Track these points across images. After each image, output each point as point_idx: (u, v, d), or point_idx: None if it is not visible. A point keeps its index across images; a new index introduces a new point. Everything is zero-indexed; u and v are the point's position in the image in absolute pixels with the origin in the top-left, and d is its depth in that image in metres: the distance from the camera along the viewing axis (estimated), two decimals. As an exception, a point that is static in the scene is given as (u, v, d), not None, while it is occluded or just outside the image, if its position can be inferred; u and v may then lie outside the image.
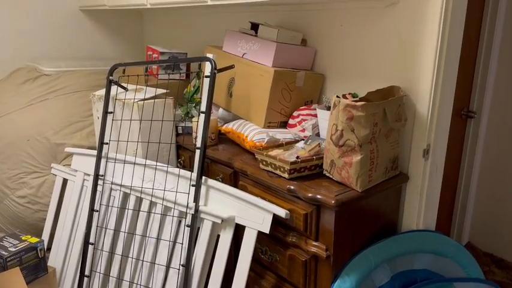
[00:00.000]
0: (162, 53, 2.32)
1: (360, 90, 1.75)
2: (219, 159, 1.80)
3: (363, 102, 1.31)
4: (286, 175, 1.48)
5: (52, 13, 2.70)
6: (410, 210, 1.65)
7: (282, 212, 1.44)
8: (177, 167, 2.05)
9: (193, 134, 1.96)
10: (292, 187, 1.44)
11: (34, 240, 1.86)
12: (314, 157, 1.50)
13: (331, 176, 1.49)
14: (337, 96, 1.37)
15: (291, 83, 1.77)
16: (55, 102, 2.23)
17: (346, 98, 1.38)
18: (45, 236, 2.12)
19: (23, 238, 1.88)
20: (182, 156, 2.05)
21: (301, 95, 1.83)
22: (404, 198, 1.65)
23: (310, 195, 1.39)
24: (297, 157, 1.49)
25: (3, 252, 1.76)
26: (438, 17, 1.45)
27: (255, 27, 1.92)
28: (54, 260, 2.03)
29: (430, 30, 1.48)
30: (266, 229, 1.47)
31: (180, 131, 2.10)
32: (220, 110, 2.08)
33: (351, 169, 1.38)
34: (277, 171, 1.52)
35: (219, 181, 1.72)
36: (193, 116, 2.17)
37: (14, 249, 1.78)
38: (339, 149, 1.39)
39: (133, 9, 2.66)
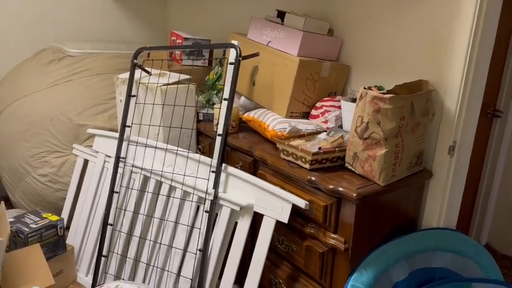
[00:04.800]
0: (186, 39, 2.31)
1: (386, 83, 1.72)
2: (240, 147, 1.79)
3: (390, 95, 1.29)
4: (307, 166, 1.47)
5: (78, -5, 2.71)
6: (431, 207, 1.62)
7: (301, 203, 1.43)
8: (197, 153, 2.05)
9: (215, 121, 1.95)
10: (313, 178, 1.43)
11: (54, 218, 1.90)
12: (336, 149, 1.48)
13: (353, 169, 1.47)
14: (364, 88, 1.35)
15: (315, 73, 1.74)
16: (79, 83, 2.25)
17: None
18: (65, 215, 2.15)
19: (44, 216, 1.91)
20: (202, 142, 2.05)
21: (326, 86, 1.81)
22: (427, 195, 1.62)
23: (331, 187, 1.37)
24: (319, 148, 1.47)
25: (25, 229, 1.80)
26: (472, 8, 1.41)
27: (281, 15, 1.89)
28: (72, 239, 2.07)
29: (463, 23, 1.44)
30: (285, 219, 1.47)
31: (201, 118, 2.10)
32: (242, 98, 2.07)
33: (374, 163, 1.36)
34: (298, 162, 1.51)
35: (239, 169, 1.72)
36: (215, 103, 2.16)
37: (35, 226, 1.82)
38: (364, 141, 1.37)
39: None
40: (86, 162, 2.13)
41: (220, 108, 1.70)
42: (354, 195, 1.32)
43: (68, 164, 2.18)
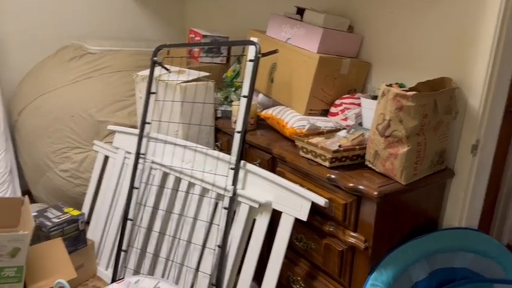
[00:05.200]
0: (204, 36, 2.32)
1: (407, 81, 1.69)
2: (258, 145, 1.80)
3: (413, 92, 1.27)
4: (327, 163, 1.46)
5: (98, -7, 2.75)
6: (453, 206, 1.60)
7: (321, 201, 1.43)
8: (215, 150, 2.06)
9: (233, 118, 1.96)
10: (332, 176, 1.42)
11: (76, 213, 1.93)
12: (357, 147, 1.47)
13: (373, 167, 1.45)
14: (387, 85, 1.33)
15: (335, 70, 1.73)
16: (99, 80, 2.28)
17: (395, 88, 1.34)
18: (85, 210, 2.19)
19: (65, 210, 1.95)
20: (220, 139, 2.06)
21: (345, 83, 1.79)
22: (448, 194, 1.60)
23: (351, 185, 1.37)
24: (339, 146, 1.47)
25: (47, 223, 1.83)
26: (498, 6, 1.38)
27: (300, 11, 1.88)
28: (93, 233, 2.10)
29: (488, 20, 1.41)
30: (304, 216, 1.46)
31: (219, 115, 2.11)
32: (260, 95, 2.07)
33: (396, 161, 1.35)
34: (318, 159, 1.50)
35: (257, 166, 1.72)
36: (233, 101, 2.17)
37: (57, 220, 1.86)
38: (385, 139, 1.35)
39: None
40: (106, 158, 2.15)
41: (239, 105, 1.70)
42: (375, 193, 1.30)
43: (88, 160, 2.21)
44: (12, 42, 2.51)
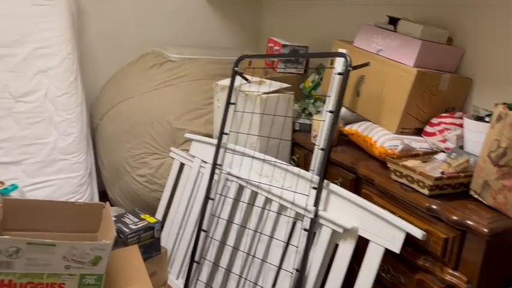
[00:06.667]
0: (284, 46, 2.25)
1: (518, 101, 1.50)
2: (340, 162, 1.69)
3: (539, 118, 1.10)
4: (426, 191, 1.32)
5: (180, 1, 2.79)
6: None
7: (417, 233, 1.29)
8: (290, 164, 1.98)
9: (313, 133, 1.86)
10: (433, 206, 1.28)
11: (152, 220, 1.93)
12: (461, 174, 1.32)
13: (480, 199, 1.29)
14: (505, 107, 1.17)
15: (433, 86, 1.58)
16: (178, 88, 2.29)
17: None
18: (159, 216, 2.20)
19: (142, 217, 1.96)
20: (296, 153, 1.97)
21: (443, 101, 1.63)
22: None
23: (455, 218, 1.22)
24: (442, 172, 1.32)
25: (125, 229, 1.85)
26: None
27: (393, 21, 1.75)
28: (165, 241, 2.10)
29: None
30: (396, 248, 1.33)
31: (296, 128, 2.03)
32: (343, 109, 1.96)
33: (510, 194, 1.18)
34: (414, 185, 1.37)
35: (338, 185, 1.61)
36: (311, 113, 2.08)
37: (134, 227, 1.86)
38: (499, 169, 1.19)
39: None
40: (182, 165, 2.15)
41: (323, 120, 1.61)
42: (486, 230, 1.15)
43: (165, 166, 2.22)
44: (97, 49, 2.61)
